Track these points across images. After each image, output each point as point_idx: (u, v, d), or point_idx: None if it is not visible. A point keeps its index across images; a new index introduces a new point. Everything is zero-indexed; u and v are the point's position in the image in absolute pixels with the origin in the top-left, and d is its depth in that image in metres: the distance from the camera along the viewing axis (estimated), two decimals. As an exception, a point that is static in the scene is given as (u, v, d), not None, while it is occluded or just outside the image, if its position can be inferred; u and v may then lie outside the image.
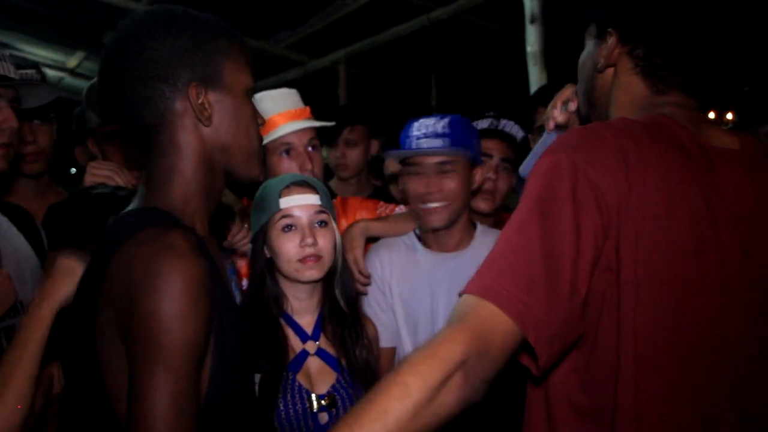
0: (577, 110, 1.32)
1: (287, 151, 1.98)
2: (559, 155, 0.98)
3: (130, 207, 1.11)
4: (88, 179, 1.74)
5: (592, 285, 0.94)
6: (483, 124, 2.24)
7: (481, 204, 2.16)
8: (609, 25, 1.11)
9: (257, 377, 1.52)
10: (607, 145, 0.97)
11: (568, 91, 1.37)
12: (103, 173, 1.73)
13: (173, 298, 0.92)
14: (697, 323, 0.96)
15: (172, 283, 0.93)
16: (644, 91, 1.10)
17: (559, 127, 1.41)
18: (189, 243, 0.98)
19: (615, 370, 0.96)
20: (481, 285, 0.93)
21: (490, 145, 2.18)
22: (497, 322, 0.90)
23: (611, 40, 1.11)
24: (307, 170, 1.94)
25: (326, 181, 2.89)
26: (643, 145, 0.98)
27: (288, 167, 1.96)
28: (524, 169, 1.48)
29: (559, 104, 1.37)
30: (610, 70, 1.14)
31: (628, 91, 1.11)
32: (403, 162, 1.95)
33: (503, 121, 2.29)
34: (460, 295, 0.96)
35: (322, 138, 2.70)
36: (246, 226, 1.90)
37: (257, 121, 1.17)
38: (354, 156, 2.93)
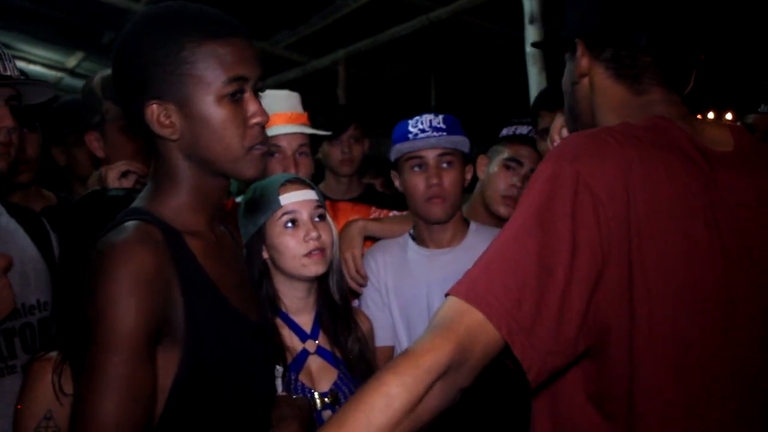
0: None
1: (275, 153, 1.99)
2: (562, 164, 0.96)
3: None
4: (111, 177, 1.79)
5: (598, 298, 0.93)
6: (522, 129, 2.21)
7: (502, 209, 2.15)
8: (575, 36, 1.13)
9: (279, 370, 1.52)
10: (611, 153, 0.96)
11: (559, 121, 1.36)
12: (120, 165, 1.80)
13: (106, 284, 0.99)
14: (707, 330, 0.96)
15: (108, 271, 0.99)
16: (622, 92, 1.10)
17: None
18: (140, 235, 1.03)
19: (629, 379, 0.95)
20: (471, 290, 0.93)
21: (523, 152, 2.17)
22: (482, 333, 0.90)
23: (579, 50, 1.12)
24: None
25: (316, 183, 2.90)
26: (647, 152, 0.97)
27: (272, 169, 1.96)
28: None
29: (556, 136, 1.36)
30: (586, 80, 1.14)
31: (607, 94, 1.12)
32: (401, 159, 1.97)
33: None
34: (447, 294, 0.95)
35: (323, 135, 2.69)
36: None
37: (239, 124, 1.11)
38: (359, 152, 2.96)
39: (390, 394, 0.86)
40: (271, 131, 1.97)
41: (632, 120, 1.05)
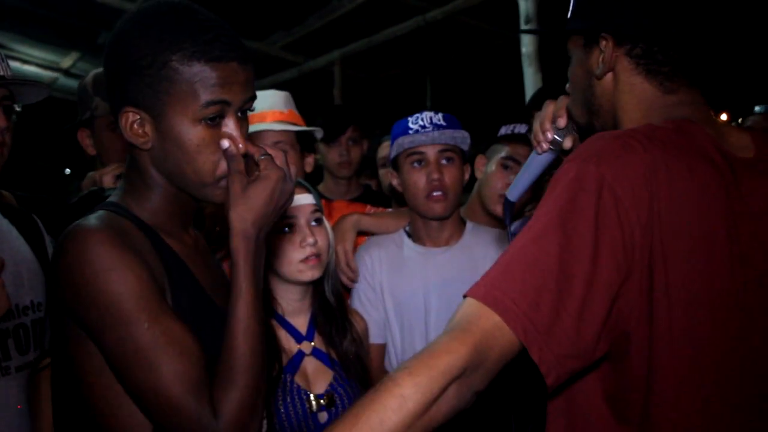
0: (569, 125, 1.26)
1: None
2: (588, 166, 0.94)
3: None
4: (107, 181, 1.82)
5: (621, 303, 0.92)
6: (521, 128, 2.20)
7: (498, 209, 2.11)
8: (601, 30, 1.09)
9: None
10: (636, 157, 0.94)
11: (551, 108, 1.29)
12: (114, 169, 1.85)
13: (90, 259, 0.97)
14: (724, 337, 0.95)
15: (89, 246, 0.97)
16: (651, 90, 1.07)
17: (560, 150, 1.32)
18: (106, 220, 1.02)
19: (646, 383, 0.95)
20: (488, 293, 0.92)
21: (521, 152, 2.14)
22: (498, 336, 0.89)
23: (607, 45, 1.08)
24: None
25: (314, 184, 2.89)
26: (672, 156, 0.95)
27: None
28: (512, 192, 1.40)
29: (548, 124, 1.29)
30: (610, 75, 1.10)
31: (634, 92, 1.08)
32: (401, 156, 1.96)
33: None
34: (465, 296, 0.94)
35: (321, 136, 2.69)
36: (217, 228, 1.89)
37: (214, 150, 1.05)
38: (357, 154, 2.95)
39: (404, 395, 0.86)
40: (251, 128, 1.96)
41: (656, 121, 1.02)
